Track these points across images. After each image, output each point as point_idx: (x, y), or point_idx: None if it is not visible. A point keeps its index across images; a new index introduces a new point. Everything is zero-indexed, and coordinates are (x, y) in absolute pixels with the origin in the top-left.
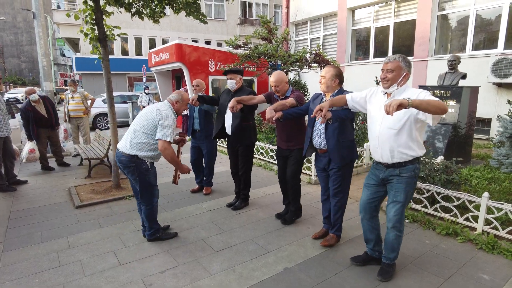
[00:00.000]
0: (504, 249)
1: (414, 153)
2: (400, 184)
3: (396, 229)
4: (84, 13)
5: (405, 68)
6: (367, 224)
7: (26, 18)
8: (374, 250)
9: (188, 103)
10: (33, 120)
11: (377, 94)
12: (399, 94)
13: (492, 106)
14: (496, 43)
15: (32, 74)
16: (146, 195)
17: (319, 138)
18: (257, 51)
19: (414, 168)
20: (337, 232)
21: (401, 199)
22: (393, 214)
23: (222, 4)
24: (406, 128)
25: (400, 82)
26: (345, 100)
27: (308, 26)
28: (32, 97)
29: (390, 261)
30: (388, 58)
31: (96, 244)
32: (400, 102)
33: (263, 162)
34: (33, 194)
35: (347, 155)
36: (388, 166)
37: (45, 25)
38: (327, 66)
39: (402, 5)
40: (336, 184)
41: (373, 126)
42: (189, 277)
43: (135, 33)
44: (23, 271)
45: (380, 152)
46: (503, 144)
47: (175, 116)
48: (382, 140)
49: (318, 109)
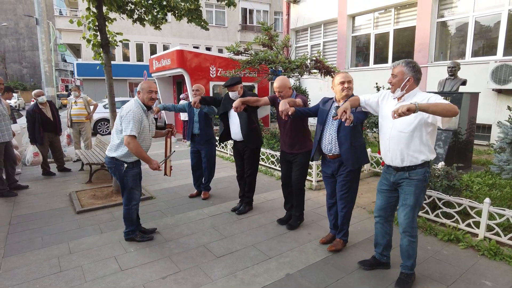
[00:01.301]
0: (506, 255)
1: (425, 157)
2: (409, 187)
3: (408, 234)
4: (87, 20)
5: (408, 73)
6: (381, 228)
7: (28, 24)
8: (383, 255)
9: (189, 105)
10: (40, 122)
11: (388, 98)
12: (410, 98)
13: (492, 112)
14: (496, 50)
15: (33, 80)
16: (125, 195)
17: (329, 144)
18: (258, 57)
19: (424, 172)
20: (344, 237)
21: (411, 202)
22: (403, 218)
23: (223, 10)
24: (417, 132)
25: (404, 86)
26: (359, 101)
27: (308, 33)
28: (41, 99)
29: (409, 270)
30: (393, 64)
31: (97, 249)
32: (408, 107)
33: (264, 167)
34: (34, 199)
35: (362, 159)
36: (398, 169)
37: (47, 31)
38: (343, 72)
39: (401, 12)
40: (345, 190)
41: (384, 129)
42: (190, 283)
43: (136, 39)
44: (23, 276)
45: (390, 156)
46: (503, 150)
47: (142, 109)
48: (392, 144)
49: (342, 110)
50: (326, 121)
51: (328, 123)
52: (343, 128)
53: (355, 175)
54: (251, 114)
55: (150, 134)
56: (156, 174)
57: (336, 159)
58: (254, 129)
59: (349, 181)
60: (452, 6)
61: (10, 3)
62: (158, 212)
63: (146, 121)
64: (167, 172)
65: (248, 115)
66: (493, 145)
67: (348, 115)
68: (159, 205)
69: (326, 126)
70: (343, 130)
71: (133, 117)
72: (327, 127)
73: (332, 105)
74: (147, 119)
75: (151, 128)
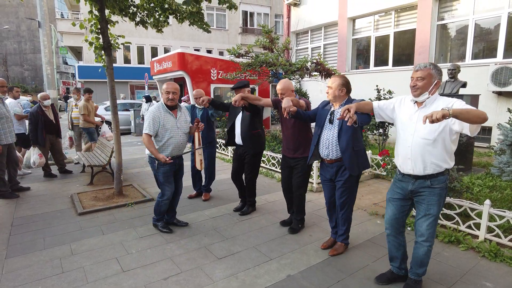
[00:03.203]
0: (507, 257)
1: (447, 165)
2: (433, 196)
3: (429, 243)
4: (89, 23)
5: (436, 76)
6: (394, 241)
7: (30, 27)
8: (401, 268)
9: (192, 107)
10: (43, 124)
11: (405, 102)
12: (431, 103)
13: (493, 114)
14: (496, 52)
15: (34, 82)
16: (160, 189)
17: (327, 148)
18: (259, 60)
19: (445, 179)
20: (345, 241)
21: (435, 212)
22: (425, 228)
23: (223, 13)
24: (442, 139)
25: (431, 90)
26: (371, 106)
27: (309, 36)
28: (47, 102)
29: (418, 277)
30: (419, 66)
31: (99, 251)
32: (443, 113)
33: (264, 169)
34: (36, 201)
35: (364, 164)
36: (418, 177)
37: (49, 34)
38: (333, 76)
39: (402, 14)
40: (344, 195)
41: (404, 136)
42: (192, 284)
43: (137, 41)
44: (26, 277)
45: (411, 164)
46: (504, 152)
47: (164, 109)
48: (415, 151)
49: (345, 109)
50: (324, 125)
51: (326, 127)
52: (344, 132)
53: (355, 179)
54: (254, 118)
55: (180, 130)
56: None
57: (334, 163)
58: (255, 134)
59: (349, 187)
60: (452, 9)
61: (12, 6)
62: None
63: (171, 120)
64: (196, 165)
65: (251, 119)
66: (493, 147)
67: (351, 114)
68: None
69: (324, 130)
70: (345, 134)
71: (149, 117)
72: (324, 131)
73: (330, 109)
74: (172, 117)
75: (179, 125)
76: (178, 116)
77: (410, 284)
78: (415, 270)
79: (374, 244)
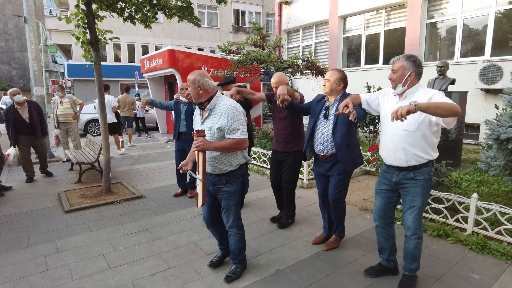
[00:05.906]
0: (493, 249)
1: (429, 156)
2: (416, 188)
3: (416, 236)
4: (76, 17)
5: (410, 67)
6: (383, 232)
7: (18, 25)
8: (390, 260)
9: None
10: (13, 123)
11: (389, 95)
12: (412, 95)
13: (481, 111)
14: (483, 51)
15: (22, 81)
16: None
17: (321, 144)
18: (250, 57)
19: (429, 171)
20: (341, 234)
21: (419, 203)
22: (411, 220)
23: (215, 12)
24: (422, 130)
25: (406, 82)
26: (359, 100)
27: (300, 34)
28: (17, 98)
29: (412, 272)
30: (393, 59)
31: (85, 248)
32: (408, 108)
33: (255, 166)
34: (22, 199)
35: (358, 160)
36: (401, 169)
37: (36, 30)
38: (331, 69)
39: (392, 13)
40: (338, 189)
41: (386, 128)
42: (180, 280)
43: (128, 40)
44: (9, 275)
45: (393, 155)
46: (491, 147)
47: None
48: (396, 143)
49: (344, 105)
50: (318, 120)
51: (320, 123)
52: (339, 128)
53: (349, 174)
54: None
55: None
56: (146, 173)
57: (328, 159)
58: None
59: (342, 179)
60: (441, 8)
61: None
62: (148, 210)
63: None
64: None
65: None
66: (481, 143)
67: (351, 109)
68: (149, 204)
69: (318, 125)
70: (340, 130)
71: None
72: (319, 127)
73: (324, 104)
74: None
75: None
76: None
77: (405, 280)
78: (408, 266)
79: (363, 239)
